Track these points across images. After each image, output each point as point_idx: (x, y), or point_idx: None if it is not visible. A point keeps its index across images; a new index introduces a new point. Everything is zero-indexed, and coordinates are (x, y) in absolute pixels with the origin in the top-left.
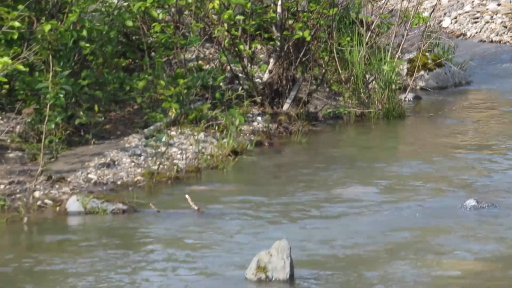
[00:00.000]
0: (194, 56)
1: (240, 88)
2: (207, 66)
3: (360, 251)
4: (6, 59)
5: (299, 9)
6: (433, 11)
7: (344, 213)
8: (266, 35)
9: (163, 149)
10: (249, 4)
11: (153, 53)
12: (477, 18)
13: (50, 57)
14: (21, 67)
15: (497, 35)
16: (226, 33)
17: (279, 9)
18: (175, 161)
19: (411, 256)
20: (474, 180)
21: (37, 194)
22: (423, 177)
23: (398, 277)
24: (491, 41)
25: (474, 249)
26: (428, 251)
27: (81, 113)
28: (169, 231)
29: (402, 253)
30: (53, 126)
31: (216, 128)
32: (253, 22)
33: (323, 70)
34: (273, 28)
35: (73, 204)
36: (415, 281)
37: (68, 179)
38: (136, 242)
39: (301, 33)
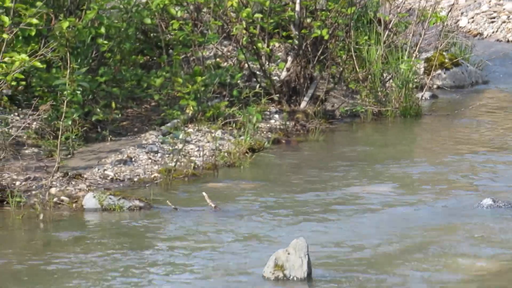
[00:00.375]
0: (212, 54)
1: (257, 86)
2: (225, 63)
3: (377, 251)
4: (23, 56)
5: (317, 7)
6: (450, 10)
7: (360, 211)
8: (284, 33)
9: (180, 146)
10: (267, 2)
11: (171, 51)
12: (494, 18)
13: (68, 54)
14: (38, 64)
15: None
16: (244, 31)
17: (297, 8)
18: (192, 158)
19: (428, 257)
20: (491, 179)
21: (53, 190)
22: (439, 177)
23: (416, 278)
24: (508, 41)
25: (491, 249)
26: (445, 251)
27: (98, 109)
28: (185, 228)
29: (419, 253)
30: (69, 122)
31: (234, 125)
32: (271, 20)
33: (341, 69)
34: (291, 27)
35: (89, 200)
36: (431, 282)
37: (85, 176)
38: (152, 239)
39: (319, 32)
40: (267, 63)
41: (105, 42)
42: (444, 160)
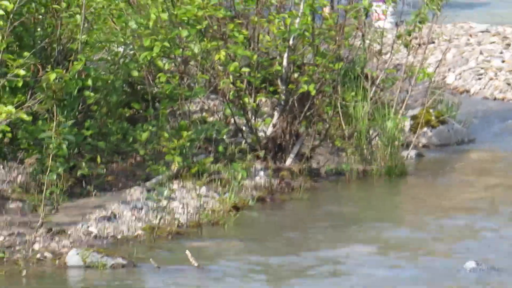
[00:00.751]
0: (198, 108)
1: (243, 142)
2: (211, 118)
3: None
4: (10, 107)
5: (304, 62)
6: (437, 66)
7: (343, 272)
8: (271, 88)
9: (165, 203)
10: (255, 56)
11: (157, 104)
12: (481, 74)
13: (55, 106)
14: (24, 116)
15: (500, 92)
16: (231, 85)
17: (285, 62)
18: (176, 215)
19: None
20: (474, 242)
21: (36, 246)
22: (423, 238)
23: None
24: (495, 98)
25: None
26: None
27: (84, 164)
28: (168, 287)
29: None
30: (54, 177)
31: (218, 182)
32: (259, 75)
33: (327, 125)
34: (278, 81)
35: (72, 257)
36: None
37: (69, 232)
38: None
39: (306, 87)
40: (253, 118)
41: (92, 94)
42: (428, 221)
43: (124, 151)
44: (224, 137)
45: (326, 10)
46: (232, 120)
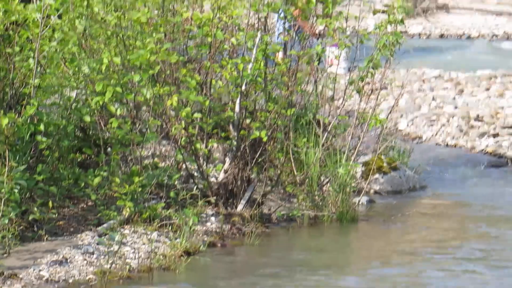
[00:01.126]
0: (150, 153)
1: (195, 188)
2: (163, 163)
3: None
4: None
5: (257, 108)
6: (390, 112)
7: None
8: (223, 134)
9: (116, 247)
10: (207, 102)
11: (109, 149)
12: (434, 120)
13: (7, 151)
14: None
15: (452, 138)
16: (183, 131)
17: (237, 108)
18: (127, 260)
19: None
20: (426, 287)
21: None
22: (374, 284)
23: None
24: (447, 145)
25: None
26: None
27: (35, 208)
28: None
29: None
30: (6, 221)
31: (170, 227)
32: (211, 121)
33: (279, 171)
34: (230, 127)
35: None
36: None
37: (20, 276)
38: None
39: (258, 133)
40: (205, 164)
41: (44, 139)
42: (378, 268)
43: (75, 196)
44: (176, 182)
45: (279, 55)
46: (184, 166)
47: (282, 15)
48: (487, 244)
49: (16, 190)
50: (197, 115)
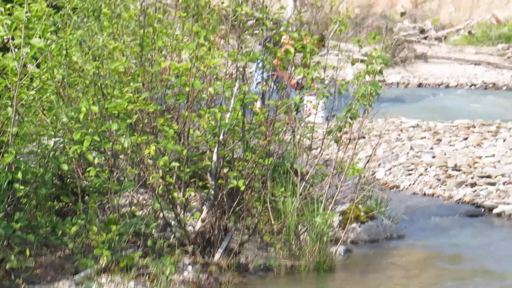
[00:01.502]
0: (127, 202)
1: (172, 236)
2: (140, 212)
3: None
4: None
5: (234, 157)
6: (367, 162)
7: None
8: (200, 183)
9: None
10: (185, 151)
11: (86, 197)
12: (411, 170)
13: None
14: None
15: (430, 187)
16: (160, 180)
17: (214, 157)
18: None
19: None
20: None
21: None
22: None
23: None
24: (424, 194)
25: None
26: None
27: (13, 257)
28: None
29: None
30: None
31: (147, 277)
32: (188, 170)
33: (256, 220)
34: (208, 176)
35: None
36: None
37: None
38: None
39: (235, 182)
40: (182, 212)
41: (22, 187)
42: None
43: (53, 244)
44: (153, 231)
45: (257, 105)
46: (161, 215)
47: (260, 64)
48: None
49: None
50: (175, 164)
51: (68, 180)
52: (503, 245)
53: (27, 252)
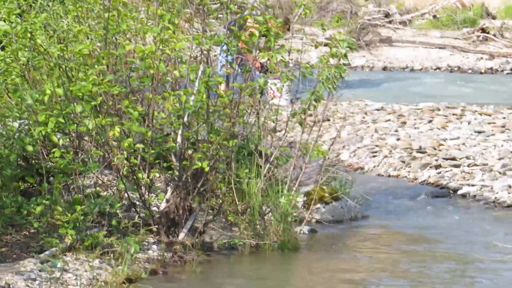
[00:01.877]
0: (92, 183)
1: (136, 216)
2: (105, 192)
3: None
4: None
5: (199, 139)
6: (332, 144)
7: None
8: (165, 164)
9: (58, 274)
10: (149, 133)
11: (51, 178)
12: (376, 152)
13: None
14: None
15: (395, 169)
16: (125, 161)
17: (179, 139)
18: (69, 286)
19: None
20: None
21: None
22: None
23: None
24: (389, 176)
25: None
26: None
27: None
28: None
29: None
30: None
31: (112, 255)
32: (152, 151)
33: (220, 201)
34: (172, 157)
35: None
36: None
37: None
38: None
39: (199, 164)
40: (147, 193)
41: None
42: None
43: (18, 224)
44: (118, 211)
45: (222, 87)
46: (126, 195)
47: (224, 48)
48: (427, 276)
49: None
50: (139, 145)
51: (33, 161)
52: (467, 226)
53: None
